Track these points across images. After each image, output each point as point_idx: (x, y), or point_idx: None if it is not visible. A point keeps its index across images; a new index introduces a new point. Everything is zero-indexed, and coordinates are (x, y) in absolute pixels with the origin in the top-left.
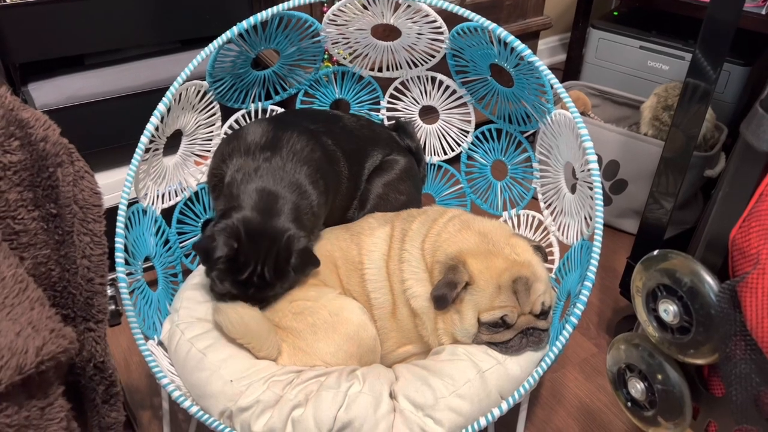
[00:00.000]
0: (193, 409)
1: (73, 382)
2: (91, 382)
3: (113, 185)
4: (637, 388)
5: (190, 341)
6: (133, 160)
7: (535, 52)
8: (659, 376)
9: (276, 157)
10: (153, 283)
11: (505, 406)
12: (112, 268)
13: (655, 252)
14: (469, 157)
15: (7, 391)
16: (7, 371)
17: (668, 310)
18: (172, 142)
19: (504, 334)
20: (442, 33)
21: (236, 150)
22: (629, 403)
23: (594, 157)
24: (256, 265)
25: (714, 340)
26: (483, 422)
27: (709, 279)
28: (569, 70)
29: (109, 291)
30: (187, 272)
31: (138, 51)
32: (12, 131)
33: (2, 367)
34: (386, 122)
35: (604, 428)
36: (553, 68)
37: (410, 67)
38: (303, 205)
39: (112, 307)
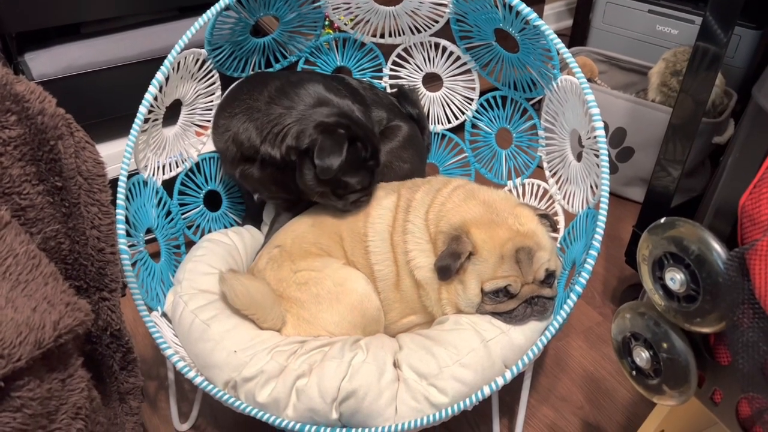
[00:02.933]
0: (198, 380)
1: (91, 351)
2: (108, 350)
3: (113, 156)
4: (642, 356)
5: (193, 312)
6: (131, 131)
7: (540, 17)
8: (664, 345)
9: (282, 79)
10: (156, 255)
11: (509, 375)
12: None
13: (662, 219)
14: (474, 126)
15: (28, 365)
16: (26, 347)
17: (675, 278)
18: (172, 113)
19: (508, 304)
20: None
21: (233, 97)
22: (634, 372)
23: (600, 124)
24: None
25: (721, 309)
26: (487, 391)
27: (717, 246)
28: (576, 35)
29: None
30: (189, 244)
31: (135, 19)
32: (8, 106)
33: (21, 342)
34: (389, 90)
35: (609, 396)
36: (559, 34)
37: (413, 33)
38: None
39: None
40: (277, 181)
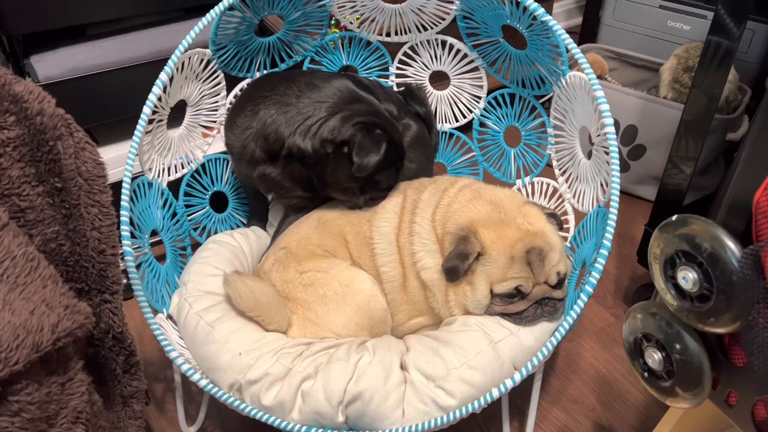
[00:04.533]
0: (203, 383)
1: (93, 354)
2: (111, 353)
3: (121, 158)
4: (654, 358)
5: (198, 314)
6: (135, 132)
7: (550, 15)
8: (677, 346)
9: (308, 76)
10: (162, 257)
11: (518, 377)
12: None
13: (674, 217)
14: (482, 124)
15: (26, 369)
16: (24, 350)
17: (687, 277)
18: (177, 114)
19: (518, 305)
20: None
21: (253, 95)
22: (646, 374)
23: (610, 120)
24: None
25: (735, 308)
26: (495, 393)
27: (730, 244)
28: (586, 32)
29: (120, 264)
30: (195, 245)
31: (141, 20)
32: (7, 107)
33: (19, 346)
34: (395, 88)
35: (621, 398)
36: (569, 32)
37: (419, 31)
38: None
39: (125, 280)
40: (298, 177)
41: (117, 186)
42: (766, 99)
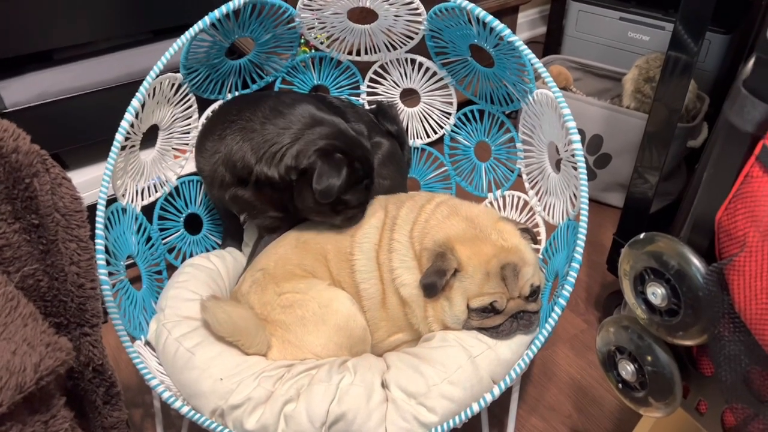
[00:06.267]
0: (184, 410)
1: (73, 387)
2: (91, 385)
3: (91, 182)
4: (627, 369)
5: (177, 340)
6: (108, 159)
7: (514, 26)
8: (649, 358)
9: (273, 99)
10: (136, 280)
11: (497, 391)
12: None
13: (642, 235)
14: (453, 139)
15: (10, 410)
16: (8, 392)
17: (656, 293)
18: (149, 136)
19: (494, 319)
20: (419, 14)
21: (220, 119)
22: (620, 385)
23: (577, 137)
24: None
25: (702, 322)
26: (476, 408)
27: (696, 261)
28: (550, 43)
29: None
30: (171, 268)
31: (109, 43)
32: None
33: (2, 388)
34: (367, 106)
35: (596, 403)
36: (533, 42)
37: (389, 50)
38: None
39: (101, 305)
40: (272, 200)
41: (88, 210)
42: (722, 123)
